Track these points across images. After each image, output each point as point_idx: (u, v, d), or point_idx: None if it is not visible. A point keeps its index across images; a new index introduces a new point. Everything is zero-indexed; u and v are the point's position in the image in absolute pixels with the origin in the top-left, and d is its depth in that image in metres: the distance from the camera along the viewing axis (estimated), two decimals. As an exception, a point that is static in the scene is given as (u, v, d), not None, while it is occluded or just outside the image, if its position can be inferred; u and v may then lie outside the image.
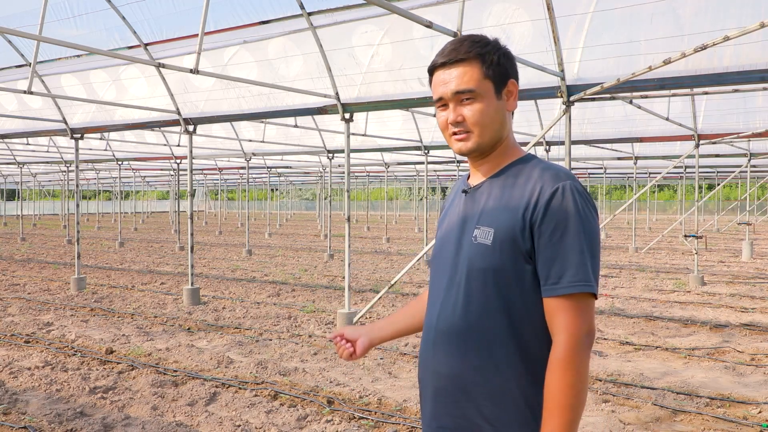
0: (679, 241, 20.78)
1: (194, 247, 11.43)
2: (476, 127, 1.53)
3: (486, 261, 1.48)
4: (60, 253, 17.66)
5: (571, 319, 1.41)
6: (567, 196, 1.44)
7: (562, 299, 1.42)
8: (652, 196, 44.50)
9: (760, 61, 5.50)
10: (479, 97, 1.52)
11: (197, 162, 20.79)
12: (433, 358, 1.58)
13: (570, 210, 1.43)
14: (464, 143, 1.55)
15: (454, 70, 1.52)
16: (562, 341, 1.41)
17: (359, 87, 7.76)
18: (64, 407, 4.80)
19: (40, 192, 50.55)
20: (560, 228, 1.42)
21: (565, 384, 1.39)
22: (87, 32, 8.75)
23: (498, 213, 1.50)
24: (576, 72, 6.53)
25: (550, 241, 1.43)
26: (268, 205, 23.97)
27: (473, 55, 1.51)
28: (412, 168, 25.21)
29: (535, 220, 1.44)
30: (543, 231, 1.43)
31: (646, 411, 4.76)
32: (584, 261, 1.42)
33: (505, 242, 1.47)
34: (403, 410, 4.75)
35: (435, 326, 1.57)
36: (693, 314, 8.43)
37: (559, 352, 1.41)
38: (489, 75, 1.52)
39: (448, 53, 1.53)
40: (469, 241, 1.53)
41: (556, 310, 1.43)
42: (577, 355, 1.40)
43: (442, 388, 1.55)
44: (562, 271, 1.41)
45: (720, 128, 10.56)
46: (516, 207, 1.47)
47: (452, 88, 1.52)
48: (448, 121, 1.55)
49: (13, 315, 8.47)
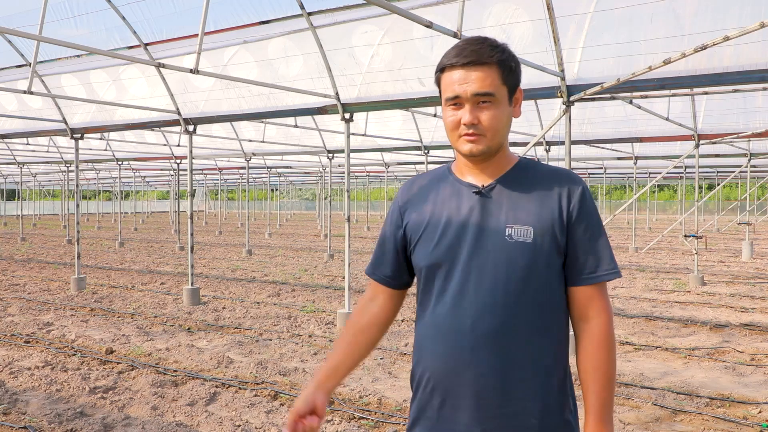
0: (679, 241, 20.78)
1: (194, 247, 11.43)
2: (490, 132, 1.56)
3: (527, 258, 1.54)
4: (60, 253, 17.66)
5: (606, 302, 1.61)
6: (589, 196, 1.62)
7: (598, 286, 1.59)
8: (652, 196, 44.50)
9: (760, 61, 5.50)
10: (496, 103, 1.55)
11: (197, 162, 20.79)
12: (471, 362, 1.54)
13: (593, 207, 1.62)
14: (475, 145, 1.56)
15: (474, 72, 1.53)
16: (603, 322, 1.59)
17: (359, 87, 7.76)
18: (64, 407, 4.80)
19: (40, 192, 50.56)
20: (591, 224, 1.59)
21: (610, 359, 1.58)
22: (87, 32, 8.75)
23: (534, 213, 1.57)
24: (576, 72, 6.53)
25: (584, 235, 1.58)
26: (268, 205, 23.97)
27: (495, 60, 1.54)
28: (412, 168, 25.18)
29: (570, 216, 1.57)
30: (578, 227, 1.58)
31: (646, 411, 4.76)
32: (611, 251, 1.61)
33: (545, 239, 1.55)
34: (403, 410, 4.75)
35: (470, 330, 1.54)
36: (693, 314, 8.43)
37: (602, 331, 1.58)
38: (506, 81, 1.57)
39: (469, 54, 1.53)
40: (500, 241, 1.55)
41: (593, 296, 1.59)
42: (613, 333, 1.60)
43: (489, 391, 1.54)
44: (598, 261, 1.58)
45: (720, 128, 10.55)
46: (550, 206, 1.57)
47: (473, 89, 1.53)
48: (461, 121, 1.56)
49: (13, 315, 8.47)
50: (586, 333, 1.59)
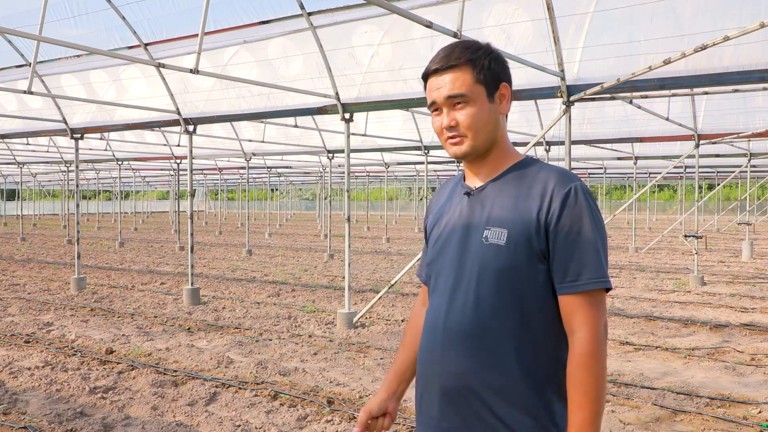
0: (679, 241, 20.78)
1: (194, 247, 11.44)
2: (470, 131, 1.56)
3: (499, 261, 1.51)
4: (60, 253, 17.66)
5: (591, 315, 1.47)
6: (579, 197, 1.49)
7: (581, 296, 1.47)
8: (652, 196, 44.50)
9: (760, 61, 5.50)
10: (471, 102, 1.55)
11: (197, 162, 20.80)
12: (441, 358, 1.58)
13: (583, 210, 1.49)
14: (459, 147, 1.58)
15: (446, 76, 1.56)
16: (584, 336, 1.46)
17: (359, 87, 7.76)
18: (64, 407, 4.80)
19: (40, 192, 50.56)
20: (575, 227, 1.48)
21: (591, 376, 1.44)
22: (87, 32, 8.75)
23: (510, 214, 1.53)
24: (576, 72, 6.53)
25: (566, 240, 1.48)
26: (268, 205, 23.96)
27: (464, 60, 1.55)
28: (412, 168, 25.21)
29: (550, 220, 1.49)
30: (559, 230, 1.48)
31: (646, 411, 4.76)
32: (600, 258, 1.48)
33: (519, 242, 1.50)
34: (403, 410, 4.75)
35: (443, 327, 1.58)
36: (693, 314, 8.43)
37: (582, 346, 1.46)
38: (480, 79, 1.56)
39: (440, 60, 1.57)
40: (478, 242, 1.55)
41: (575, 307, 1.48)
42: (598, 349, 1.45)
43: (453, 389, 1.55)
44: (580, 269, 1.47)
45: (720, 128, 10.56)
46: (529, 208, 1.51)
47: (444, 93, 1.56)
48: (442, 126, 1.59)
49: (13, 315, 8.47)
50: (570, 348, 1.48)
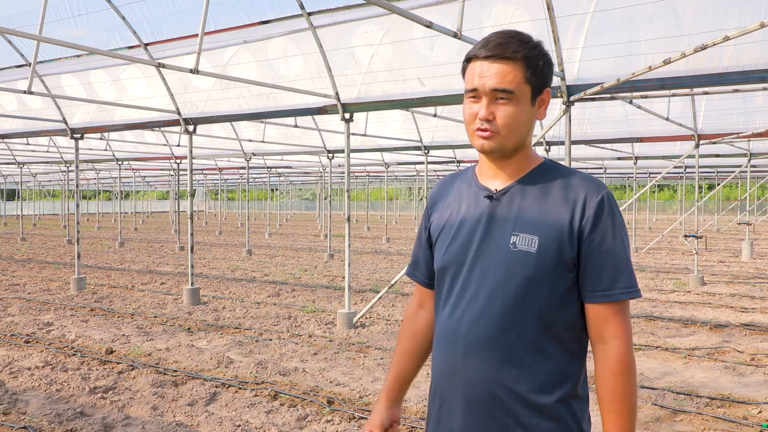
0: (679, 241, 20.78)
1: (194, 247, 11.43)
2: (504, 129, 1.48)
3: (528, 269, 1.45)
4: (60, 253, 17.66)
5: (624, 323, 1.46)
6: (612, 205, 1.47)
7: (615, 304, 1.46)
8: (652, 196, 44.49)
9: (760, 61, 5.50)
10: (515, 100, 1.47)
11: (197, 162, 20.79)
12: (462, 369, 1.51)
13: (615, 218, 1.47)
14: (487, 141, 1.49)
15: (496, 66, 1.46)
16: (619, 345, 1.45)
17: (359, 87, 7.76)
18: (64, 407, 4.80)
19: (40, 192, 50.55)
20: (609, 236, 1.45)
21: (629, 383, 1.44)
22: (87, 32, 8.75)
23: (540, 220, 1.47)
24: (576, 72, 6.53)
25: (600, 248, 1.45)
26: (268, 205, 23.96)
27: (520, 56, 1.46)
28: (412, 168, 25.19)
29: (584, 228, 1.45)
30: (593, 239, 1.45)
31: (647, 411, 4.76)
32: (631, 268, 1.47)
33: (551, 250, 1.45)
34: (403, 410, 4.75)
35: (464, 337, 1.51)
36: (693, 314, 8.43)
37: (618, 355, 1.45)
38: (530, 80, 1.47)
39: (494, 47, 1.46)
40: (504, 249, 1.48)
41: (607, 315, 1.46)
42: (632, 356, 1.46)
43: (478, 400, 1.50)
44: (614, 278, 1.45)
45: (720, 128, 10.55)
46: (562, 216, 1.46)
47: (491, 84, 1.46)
48: (477, 115, 1.49)
49: (13, 315, 8.47)
50: (602, 357, 1.46)
